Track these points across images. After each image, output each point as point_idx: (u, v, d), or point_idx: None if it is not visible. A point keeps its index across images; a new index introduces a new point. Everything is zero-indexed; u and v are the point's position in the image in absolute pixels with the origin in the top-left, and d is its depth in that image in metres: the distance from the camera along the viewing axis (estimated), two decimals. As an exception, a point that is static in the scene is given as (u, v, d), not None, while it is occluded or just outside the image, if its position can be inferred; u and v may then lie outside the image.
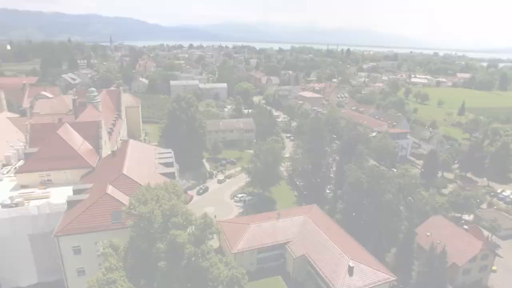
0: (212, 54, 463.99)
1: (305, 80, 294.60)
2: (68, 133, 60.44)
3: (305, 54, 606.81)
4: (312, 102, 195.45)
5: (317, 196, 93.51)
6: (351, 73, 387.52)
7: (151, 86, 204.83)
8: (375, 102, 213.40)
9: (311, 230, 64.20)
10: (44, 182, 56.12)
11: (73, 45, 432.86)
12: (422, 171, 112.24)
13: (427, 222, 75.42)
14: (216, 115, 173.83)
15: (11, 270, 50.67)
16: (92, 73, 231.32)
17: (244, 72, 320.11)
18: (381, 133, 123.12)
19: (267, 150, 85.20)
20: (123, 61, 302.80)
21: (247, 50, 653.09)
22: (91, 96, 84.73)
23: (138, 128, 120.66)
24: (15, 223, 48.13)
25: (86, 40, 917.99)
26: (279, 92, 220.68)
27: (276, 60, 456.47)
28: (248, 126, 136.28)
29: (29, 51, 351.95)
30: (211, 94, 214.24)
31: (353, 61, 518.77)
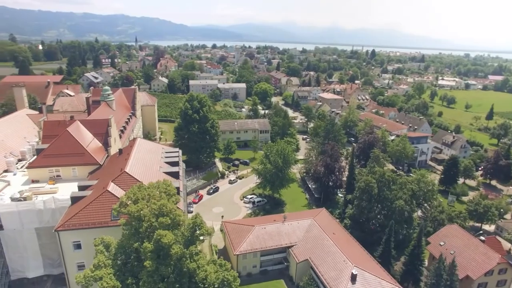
0: (234, 54, 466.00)
1: (326, 82, 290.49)
2: (78, 131, 61.92)
3: (328, 55, 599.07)
4: (332, 104, 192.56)
5: (328, 199, 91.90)
6: (374, 74, 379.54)
7: (171, 85, 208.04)
8: (397, 105, 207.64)
9: (316, 235, 62.73)
10: (53, 177, 57.65)
11: (99, 44, 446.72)
12: (441, 177, 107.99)
13: (441, 231, 72.15)
14: (233, 115, 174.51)
15: (19, 261, 52.33)
16: (115, 72, 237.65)
17: (264, 72, 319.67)
18: (399, 137, 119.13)
19: (277, 152, 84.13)
20: (145, 60, 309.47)
21: (270, 51, 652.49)
22: (105, 94, 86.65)
23: (154, 126, 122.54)
24: (22, 216, 49.60)
25: (113, 39, 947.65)
26: (298, 93, 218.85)
27: (298, 61, 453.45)
28: (263, 127, 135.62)
29: (59, 50, 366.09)
30: (229, 94, 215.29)
31: (378, 62, 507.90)
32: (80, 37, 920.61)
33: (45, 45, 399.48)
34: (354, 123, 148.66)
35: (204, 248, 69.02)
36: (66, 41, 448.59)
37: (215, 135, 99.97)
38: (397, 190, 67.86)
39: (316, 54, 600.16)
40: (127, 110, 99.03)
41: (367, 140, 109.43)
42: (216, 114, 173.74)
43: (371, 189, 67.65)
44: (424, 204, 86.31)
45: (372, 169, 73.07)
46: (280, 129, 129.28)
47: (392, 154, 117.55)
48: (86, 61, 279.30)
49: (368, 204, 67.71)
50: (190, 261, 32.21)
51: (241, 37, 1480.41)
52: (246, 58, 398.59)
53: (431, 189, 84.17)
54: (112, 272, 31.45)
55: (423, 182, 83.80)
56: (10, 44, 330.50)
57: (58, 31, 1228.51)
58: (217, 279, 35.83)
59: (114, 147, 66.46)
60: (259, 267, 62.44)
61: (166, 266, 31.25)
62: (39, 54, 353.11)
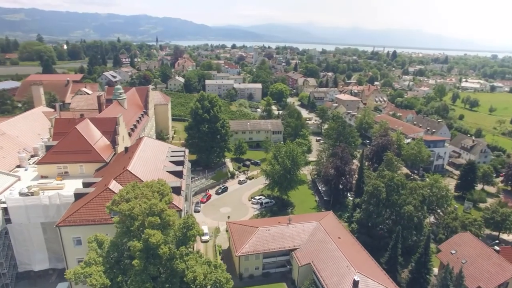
0: (253, 55, 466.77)
1: (344, 83, 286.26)
2: (87, 128, 63.23)
3: (348, 56, 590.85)
4: (348, 105, 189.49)
5: (338, 202, 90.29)
6: (395, 76, 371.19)
7: (187, 85, 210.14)
8: (416, 107, 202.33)
9: (320, 238, 61.57)
10: (61, 174, 59.12)
11: (121, 44, 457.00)
12: (457, 183, 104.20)
13: (453, 238, 69.48)
14: (248, 115, 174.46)
15: (26, 254, 53.88)
16: (133, 71, 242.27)
17: (282, 73, 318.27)
18: (415, 140, 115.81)
19: (285, 153, 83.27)
20: (164, 60, 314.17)
21: (289, 51, 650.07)
22: (117, 93, 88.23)
23: (167, 125, 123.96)
24: (29, 210, 51.05)
25: (136, 39, 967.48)
26: (314, 94, 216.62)
27: (317, 62, 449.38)
28: (276, 128, 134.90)
29: (82, 50, 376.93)
30: (245, 94, 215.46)
31: (399, 64, 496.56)
32: (104, 37, 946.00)
33: (69, 45, 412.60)
34: (369, 125, 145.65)
35: (209, 248, 69.28)
36: (89, 41, 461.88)
37: (226, 135, 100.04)
38: (406, 195, 65.71)
39: (335, 55, 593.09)
40: (140, 109, 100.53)
41: (380, 143, 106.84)
42: (230, 114, 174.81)
43: (379, 193, 65.89)
44: (437, 210, 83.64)
45: (381, 173, 71.10)
46: (293, 130, 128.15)
47: (407, 157, 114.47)
48: (107, 60, 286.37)
49: (375, 209, 65.96)
50: (180, 261, 32.05)
51: (262, 38, 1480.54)
52: (264, 58, 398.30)
53: (445, 195, 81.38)
54: (102, 270, 31.70)
55: (436, 187, 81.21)
56: (37, 44, 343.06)
57: (83, 31, 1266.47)
58: (209, 280, 35.63)
59: (122, 145, 67.42)
60: (261, 269, 61.87)
61: (154, 266, 31.24)
62: (63, 53, 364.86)
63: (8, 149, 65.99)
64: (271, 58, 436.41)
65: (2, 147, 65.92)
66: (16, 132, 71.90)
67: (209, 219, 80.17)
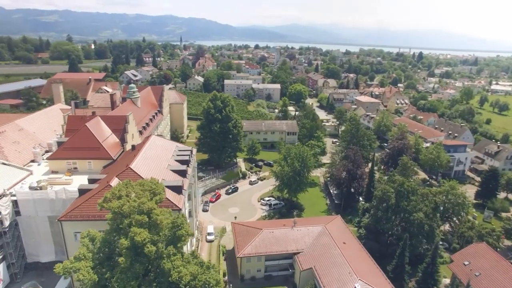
0: (274, 55, 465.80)
1: (366, 84, 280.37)
2: (97, 126, 64.69)
3: (372, 57, 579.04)
4: (368, 107, 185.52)
5: (349, 206, 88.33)
6: (419, 78, 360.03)
7: (206, 84, 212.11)
8: (439, 110, 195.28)
9: (325, 243, 60.24)
10: (71, 169, 60.73)
11: (146, 44, 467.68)
12: (478, 190, 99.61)
13: (468, 249, 66.12)
14: (265, 116, 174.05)
15: (34, 246, 55.73)
16: (154, 70, 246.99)
17: (302, 73, 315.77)
18: (434, 144, 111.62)
19: (295, 155, 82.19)
20: (185, 59, 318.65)
21: (312, 52, 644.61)
22: (130, 92, 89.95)
23: (182, 124, 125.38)
24: (37, 204, 52.72)
25: (161, 39, 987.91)
26: (334, 95, 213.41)
27: (340, 63, 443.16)
28: (291, 129, 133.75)
29: (108, 49, 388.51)
30: (263, 95, 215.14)
31: (425, 65, 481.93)
32: (132, 36, 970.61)
33: (96, 44, 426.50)
34: (388, 128, 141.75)
35: (213, 248, 69.30)
36: (115, 41, 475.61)
37: (238, 135, 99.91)
38: (417, 201, 63.21)
39: (359, 56, 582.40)
40: (154, 108, 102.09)
41: (396, 147, 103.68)
42: (247, 114, 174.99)
43: (388, 199, 63.76)
44: (453, 218, 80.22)
45: (391, 178, 68.78)
46: (308, 131, 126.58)
47: (425, 162, 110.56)
48: (130, 60, 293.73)
49: (384, 214, 63.91)
50: (167, 261, 32.04)
51: (285, 38, 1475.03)
52: (285, 59, 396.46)
53: (461, 202, 77.87)
54: (91, 265, 32.15)
55: (452, 194, 77.86)
56: (66, 44, 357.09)
57: (112, 31, 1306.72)
58: (199, 281, 35.46)
59: (132, 143, 68.50)
60: (263, 272, 61.26)
61: (141, 264, 31.35)
62: (91, 52, 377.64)
63: (25, 144, 68.59)
64: (293, 59, 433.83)
65: (19, 142, 68.62)
66: (33, 128, 74.61)
67: (216, 219, 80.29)
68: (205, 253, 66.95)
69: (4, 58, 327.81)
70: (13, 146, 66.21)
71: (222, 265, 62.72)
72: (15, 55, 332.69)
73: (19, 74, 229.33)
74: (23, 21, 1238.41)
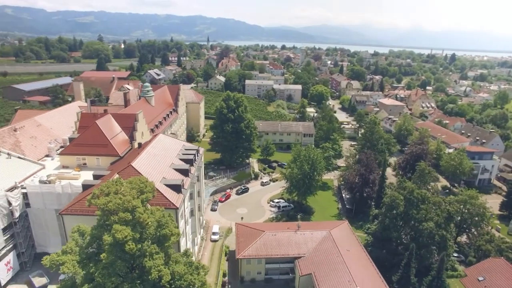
0: (300, 56, 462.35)
1: (391, 87, 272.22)
2: (107, 123, 66.36)
3: (402, 59, 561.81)
4: (391, 110, 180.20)
5: (361, 212, 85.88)
6: (450, 81, 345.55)
7: (227, 84, 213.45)
8: (467, 115, 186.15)
9: (327, 249, 58.71)
10: (80, 165, 62.67)
11: (173, 43, 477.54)
12: (504, 201, 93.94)
13: (484, 263, 62.58)
14: (284, 117, 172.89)
15: (42, 237, 57.99)
16: (177, 70, 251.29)
17: (326, 75, 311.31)
18: (456, 150, 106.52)
19: (304, 157, 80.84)
20: (210, 59, 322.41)
21: (340, 53, 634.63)
22: (144, 90, 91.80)
23: (198, 123, 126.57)
24: (45, 197, 54.83)
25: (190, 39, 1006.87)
26: (356, 97, 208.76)
27: (367, 64, 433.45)
28: (307, 130, 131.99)
29: (137, 49, 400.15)
30: (284, 95, 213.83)
31: (458, 68, 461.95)
32: (161, 36, 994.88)
33: (126, 44, 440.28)
34: (409, 132, 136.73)
35: (217, 248, 69.32)
36: (144, 41, 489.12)
37: (250, 136, 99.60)
38: (426, 210, 60.26)
39: (388, 57, 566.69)
40: (169, 106, 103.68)
41: (414, 152, 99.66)
42: (266, 114, 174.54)
43: (397, 206, 61.26)
44: (471, 230, 76.03)
45: (401, 184, 66.00)
46: (324, 133, 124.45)
47: (446, 169, 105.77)
48: (155, 59, 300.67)
49: (391, 222, 61.42)
50: (149, 259, 32.21)
51: (314, 39, 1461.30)
52: (309, 59, 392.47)
53: (481, 213, 73.61)
54: (77, 259, 32.83)
55: (470, 204, 73.77)
56: (97, 43, 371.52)
57: (143, 31, 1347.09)
58: (184, 281, 35.47)
59: (141, 140, 69.78)
60: (263, 275, 60.59)
61: (123, 261, 31.65)
62: (120, 52, 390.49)
63: (41, 140, 71.56)
64: (318, 60, 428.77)
65: (36, 137, 71.69)
66: (51, 124, 77.75)
67: (224, 219, 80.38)
68: (208, 252, 67.15)
69: (41, 57, 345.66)
70: (30, 141, 69.27)
71: (223, 265, 62.71)
72: (51, 54, 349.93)
73: (52, 72, 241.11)
74: (62, 22, 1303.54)
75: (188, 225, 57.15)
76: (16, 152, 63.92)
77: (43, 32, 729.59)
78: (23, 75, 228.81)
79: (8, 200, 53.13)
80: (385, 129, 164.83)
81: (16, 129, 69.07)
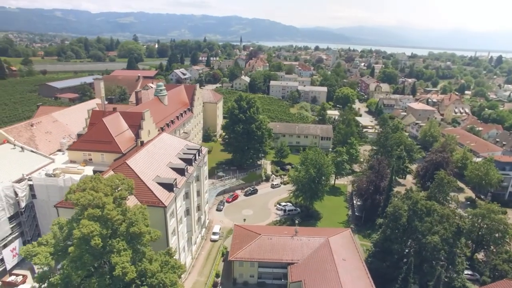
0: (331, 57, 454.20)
1: (424, 90, 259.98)
2: (114, 121, 68.39)
3: (441, 61, 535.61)
4: (420, 115, 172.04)
5: (371, 220, 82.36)
6: (494, 85, 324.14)
7: (251, 84, 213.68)
8: (507, 122, 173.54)
9: (322, 256, 56.81)
10: (86, 160, 65.13)
11: (205, 44, 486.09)
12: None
13: (496, 285, 57.49)
14: (306, 119, 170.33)
15: (47, 227, 60.06)
16: (204, 69, 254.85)
17: (357, 77, 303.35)
18: (483, 160, 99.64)
19: (310, 161, 78.94)
20: (239, 60, 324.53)
21: (374, 55, 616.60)
22: (157, 89, 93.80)
23: (214, 123, 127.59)
24: (49, 190, 57.57)
25: (225, 39, 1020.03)
26: (384, 101, 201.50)
27: (403, 66, 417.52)
28: (325, 133, 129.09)
29: (170, 48, 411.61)
30: (309, 97, 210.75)
31: (504, 71, 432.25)
32: (197, 36, 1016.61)
33: (159, 43, 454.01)
34: (434, 138, 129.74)
35: (215, 248, 69.39)
36: (177, 41, 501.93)
37: (262, 137, 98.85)
38: (431, 223, 56.62)
39: (426, 60, 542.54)
40: (184, 106, 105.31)
41: (434, 159, 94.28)
42: (288, 116, 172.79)
43: (400, 216, 58.14)
44: (490, 247, 70.72)
45: (407, 194, 62.48)
46: (342, 137, 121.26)
47: (470, 179, 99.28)
48: (184, 59, 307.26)
49: (393, 233, 58.39)
50: (116, 255, 32.67)
51: (349, 40, 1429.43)
52: (339, 61, 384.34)
53: (503, 230, 68.21)
54: (50, 251, 33.93)
55: (489, 218, 68.59)
56: (131, 43, 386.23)
57: (180, 31, 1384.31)
58: (156, 279, 35.77)
59: (148, 139, 71.35)
60: (256, 278, 59.78)
61: (91, 255, 32.31)
62: (153, 51, 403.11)
63: (56, 135, 75.18)
64: (350, 61, 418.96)
65: (51, 132, 75.45)
66: (67, 120, 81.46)
67: (227, 219, 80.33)
68: (205, 251, 67.43)
69: (80, 56, 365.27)
70: (44, 135, 73.00)
71: (217, 265, 62.62)
72: (89, 53, 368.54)
73: (86, 70, 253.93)
74: (104, 23, 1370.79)
75: (181, 224, 57.56)
76: (30, 146, 67.62)
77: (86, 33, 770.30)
78: (60, 73, 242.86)
79: (15, 191, 56.50)
80: (411, 134, 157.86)
81: (33, 124, 73.07)
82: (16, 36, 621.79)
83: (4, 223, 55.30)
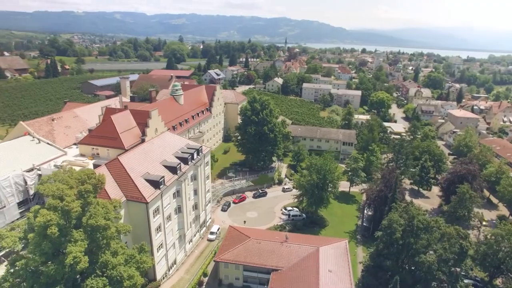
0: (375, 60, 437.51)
1: (472, 97, 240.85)
2: (122, 118, 71.75)
3: (501, 65, 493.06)
4: (462, 123, 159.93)
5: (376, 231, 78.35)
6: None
7: (284, 86, 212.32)
8: None
9: (308, 266, 55.06)
10: (94, 155, 69.13)
11: (249, 45, 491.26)
12: None
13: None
14: (335, 123, 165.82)
15: (55, 216, 65.54)
16: (239, 70, 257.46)
17: (398, 81, 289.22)
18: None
19: (315, 167, 76.77)
20: (279, 61, 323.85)
21: (426, 58, 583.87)
22: (173, 89, 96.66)
23: (235, 123, 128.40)
24: (54, 181, 61.91)
25: (273, 40, 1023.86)
26: (422, 107, 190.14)
27: (456, 70, 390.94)
28: (348, 139, 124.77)
29: (213, 49, 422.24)
30: (342, 101, 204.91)
31: None
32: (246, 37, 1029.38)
33: (204, 44, 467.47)
34: (469, 149, 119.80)
35: (209, 247, 70.05)
36: (222, 42, 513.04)
37: (275, 140, 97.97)
38: (428, 241, 52.48)
39: (484, 63, 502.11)
40: (202, 106, 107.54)
41: (457, 172, 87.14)
42: (316, 119, 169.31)
43: (394, 231, 54.62)
44: (510, 273, 63.95)
45: (407, 207, 58.30)
46: (364, 143, 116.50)
47: (503, 195, 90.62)
48: (223, 59, 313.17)
49: (385, 248, 55.01)
50: (72, 245, 34.45)
51: (401, 43, 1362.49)
52: (381, 64, 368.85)
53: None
54: (20, 236, 36.61)
55: (509, 241, 62.08)
56: (176, 43, 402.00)
57: (229, 32, 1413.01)
58: (115, 271, 37.26)
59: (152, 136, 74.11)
60: (242, 281, 59.46)
61: (49, 243, 34.35)
62: (198, 52, 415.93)
63: (74, 129, 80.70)
64: (395, 65, 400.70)
65: (70, 127, 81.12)
66: (87, 116, 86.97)
67: (230, 220, 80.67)
68: (198, 250, 68.34)
69: (129, 56, 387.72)
70: (63, 129, 78.67)
71: (205, 265, 63.18)
72: (137, 53, 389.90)
73: (129, 70, 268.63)
74: (158, 25, 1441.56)
75: (170, 221, 58.88)
76: (48, 139, 73.26)
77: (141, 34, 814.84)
78: (106, 72, 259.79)
79: (25, 179, 61.57)
80: (448, 143, 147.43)
81: (54, 119, 79.10)
82: (80, 38, 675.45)
83: (13, 207, 60.50)
